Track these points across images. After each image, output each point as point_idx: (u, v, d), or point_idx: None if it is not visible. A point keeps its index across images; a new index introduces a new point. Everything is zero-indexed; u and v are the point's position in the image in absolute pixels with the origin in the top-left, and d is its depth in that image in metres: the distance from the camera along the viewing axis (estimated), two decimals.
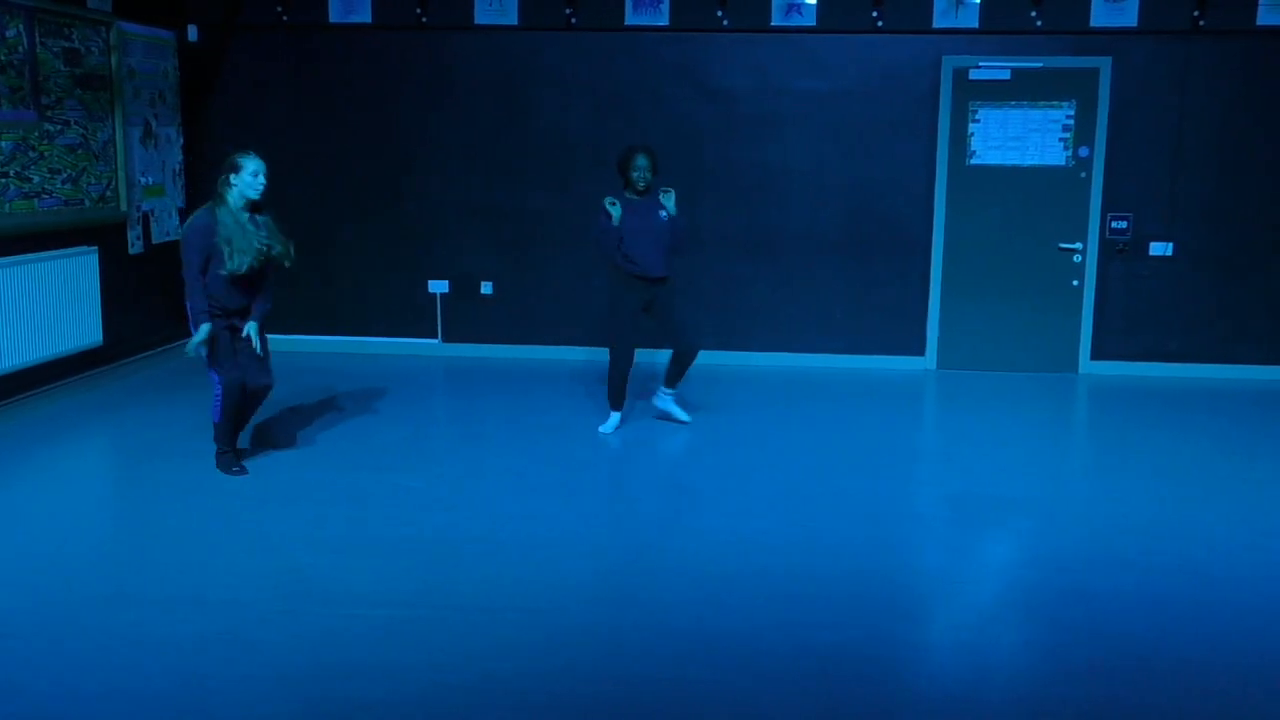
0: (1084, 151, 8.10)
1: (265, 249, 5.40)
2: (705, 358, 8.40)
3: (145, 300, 8.01)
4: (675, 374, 6.53)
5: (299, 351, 8.62)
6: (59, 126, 6.95)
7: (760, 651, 3.77)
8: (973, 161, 8.17)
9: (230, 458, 5.59)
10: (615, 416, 6.50)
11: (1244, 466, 6.00)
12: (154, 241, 8.08)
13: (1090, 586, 4.34)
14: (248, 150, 5.46)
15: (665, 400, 6.62)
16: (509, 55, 8.36)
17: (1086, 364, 8.35)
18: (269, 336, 5.66)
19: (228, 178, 5.39)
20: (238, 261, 5.30)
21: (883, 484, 5.60)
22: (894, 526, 5.04)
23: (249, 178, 5.37)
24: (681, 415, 6.60)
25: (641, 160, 6.24)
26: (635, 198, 6.25)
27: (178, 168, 8.42)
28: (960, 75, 8.10)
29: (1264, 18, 7.84)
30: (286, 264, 5.56)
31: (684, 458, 6.01)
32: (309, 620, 3.93)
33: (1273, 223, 8.13)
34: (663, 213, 6.23)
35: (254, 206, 5.46)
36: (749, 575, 4.41)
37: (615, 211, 6.13)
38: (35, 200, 6.76)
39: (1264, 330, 8.24)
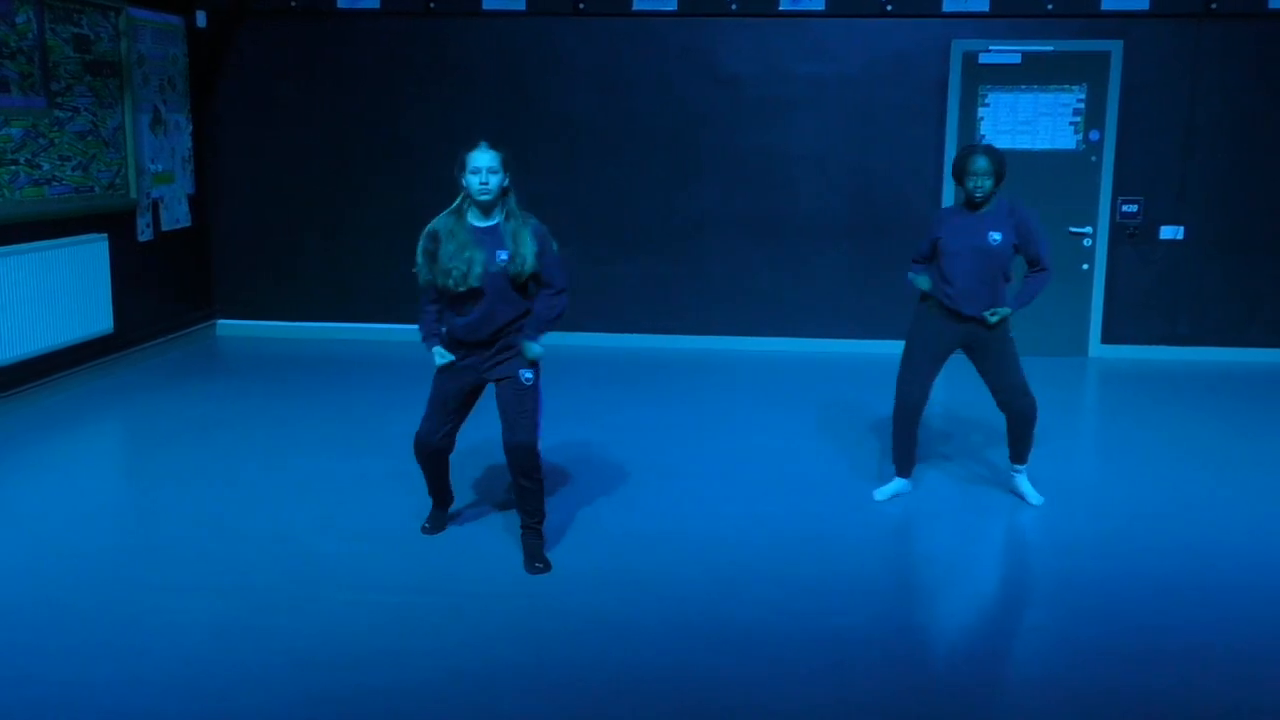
0: (1094, 135, 8.07)
1: (480, 266, 4.16)
2: (711, 343, 8.48)
3: (155, 287, 8.03)
4: (1012, 444, 5.14)
5: (311, 339, 8.65)
6: (69, 113, 6.95)
7: (771, 638, 3.78)
8: None
9: (433, 517, 4.68)
10: (895, 483, 5.22)
11: (1255, 450, 5.99)
12: (163, 229, 8.10)
13: (1101, 570, 4.34)
14: (476, 143, 4.26)
15: (1014, 479, 5.22)
16: (517, 41, 8.34)
17: (1096, 347, 8.34)
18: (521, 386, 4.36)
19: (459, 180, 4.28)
20: (434, 275, 4.26)
21: (891, 470, 5.59)
22: (903, 511, 5.05)
23: (469, 176, 4.21)
24: (1031, 497, 5.15)
25: (981, 163, 4.79)
26: (965, 211, 4.92)
27: (187, 154, 8.42)
28: (970, 59, 8.06)
29: (1276, 1, 7.79)
30: (520, 274, 4.22)
31: (692, 445, 6.02)
32: (321, 607, 3.95)
33: None
34: (995, 235, 4.81)
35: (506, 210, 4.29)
36: (758, 561, 4.42)
37: None
38: (45, 187, 6.77)
39: (1275, 314, 8.22)
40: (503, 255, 4.18)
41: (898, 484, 5.23)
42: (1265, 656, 3.68)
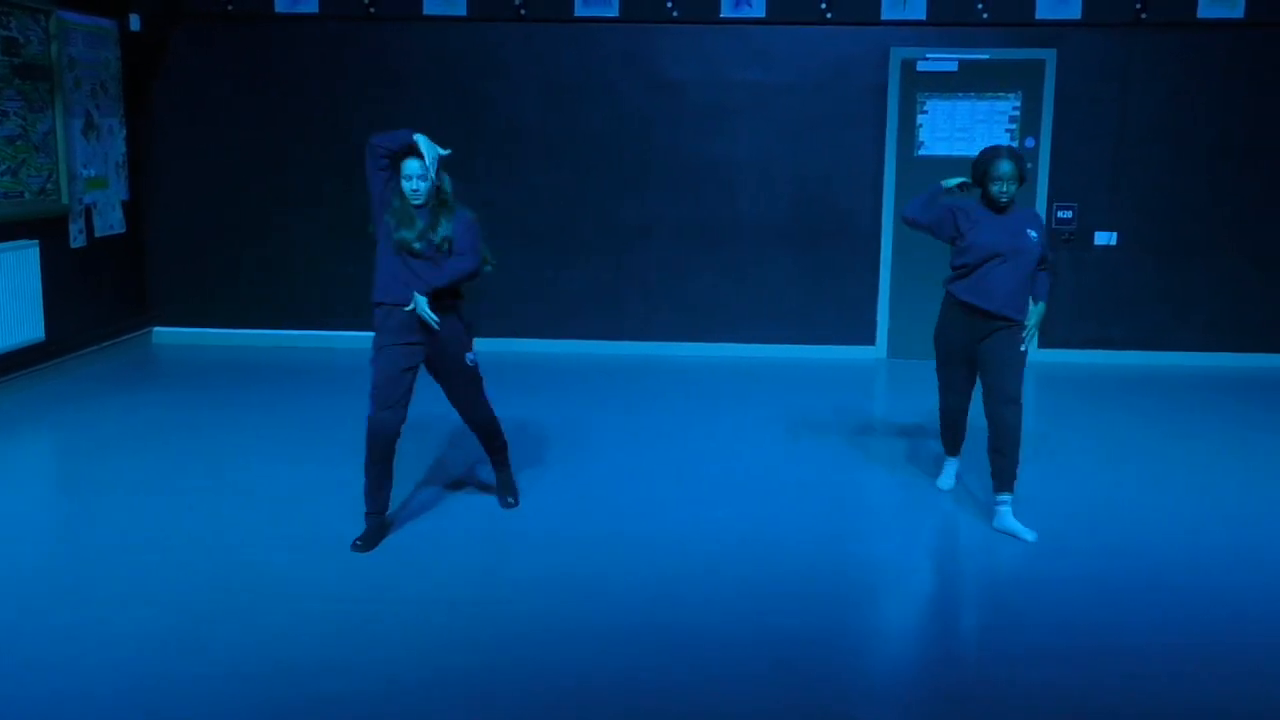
0: (1030, 142, 8.20)
1: (414, 241, 4.66)
2: (656, 349, 8.49)
3: (89, 294, 7.88)
4: (993, 459, 4.83)
5: (250, 346, 8.53)
6: None
7: (717, 642, 3.78)
8: (921, 153, 8.24)
9: (370, 525, 4.58)
10: (948, 464, 5.35)
11: (1187, 451, 6.11)
12: (96, 235, 7.95)
13: (1038, 571, 4.40)
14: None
15: (997, 513, 4.83)
16: (458, 47, 8.30)
17: (1033, 352, 8.43)
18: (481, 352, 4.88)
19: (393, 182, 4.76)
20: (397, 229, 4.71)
21: (835, 474, 5.64)
22: (847, 516, 5.08)
23: (403, 181, 4.73)
24: (1023, 533, 4.72)
25: (1007, 167, 4.73)
26: (992, 214, 4.84)
27: (121, 160, 8.28)
28: (908, 67, 8.16)
29: (1204, 10, 7.98)
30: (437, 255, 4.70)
31: (636, 450, 6.02)
32: (263, 617, 3.89)
33: (1213, 211, 8.28)
34: (1033, 233, 4.78)
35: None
36: (703, 565, 4.43)
37: None
38: None
39: (1205, 317, 8.40)
40: (432, 236, 4.66)
41: (948, 465, 5.38)
42: (1202, 654, 3.75)
